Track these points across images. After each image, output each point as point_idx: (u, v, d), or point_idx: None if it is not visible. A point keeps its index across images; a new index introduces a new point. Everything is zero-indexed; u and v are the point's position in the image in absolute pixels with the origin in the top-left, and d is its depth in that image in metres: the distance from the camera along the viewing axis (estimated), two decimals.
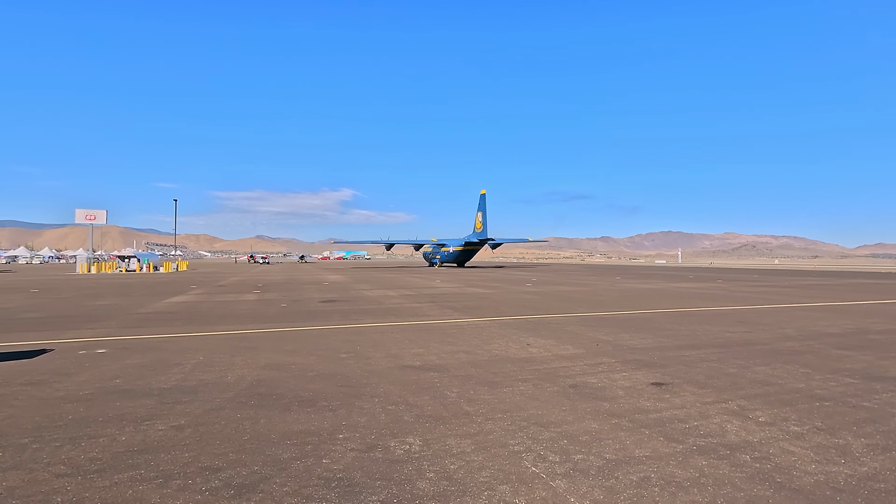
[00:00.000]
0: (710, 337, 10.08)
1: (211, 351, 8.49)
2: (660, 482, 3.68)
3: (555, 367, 7.32)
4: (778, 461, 4.06)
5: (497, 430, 4.72)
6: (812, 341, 9.60)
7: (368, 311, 14.89)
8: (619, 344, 9.25)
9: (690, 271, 54.83)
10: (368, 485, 3.62)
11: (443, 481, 3.68)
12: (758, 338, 9.99)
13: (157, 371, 6.99)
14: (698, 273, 48.89)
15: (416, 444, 4.37)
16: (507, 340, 9.62)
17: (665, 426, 4.84)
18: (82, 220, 50.57)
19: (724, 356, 8.14)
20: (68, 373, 6.88)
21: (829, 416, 5.16)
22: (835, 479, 3.76)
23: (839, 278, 37.67)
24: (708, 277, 38.42)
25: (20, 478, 3.68)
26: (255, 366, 7.36)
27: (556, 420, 5.02)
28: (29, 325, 11.78)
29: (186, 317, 13.42)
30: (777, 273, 49.35)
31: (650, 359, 7.94)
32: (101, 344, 9.14)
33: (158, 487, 3.55)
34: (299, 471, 3.83)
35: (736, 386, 6.32)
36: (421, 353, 8.39)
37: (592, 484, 3.66)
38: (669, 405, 5.51)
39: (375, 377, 6.72)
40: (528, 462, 4.02)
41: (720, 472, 3.86)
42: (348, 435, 4.58)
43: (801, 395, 5.92)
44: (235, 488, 3.55)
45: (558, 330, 10.96)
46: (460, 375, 6.84)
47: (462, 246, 64.84)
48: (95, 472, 3.77)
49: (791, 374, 6.94)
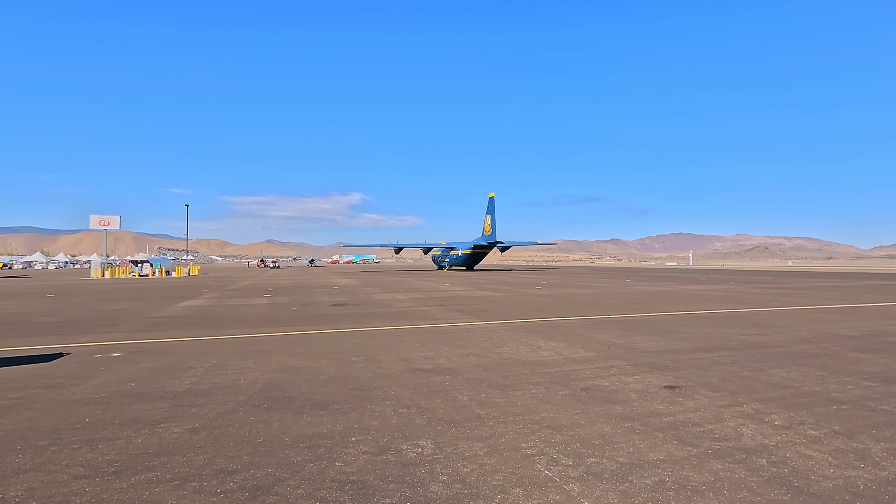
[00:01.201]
0: (723, 340, 9.97)
1: (223, 354, 8.56)
2: (675, 486, 3.65)
3: (566, 371, 7.29)
4: (795, 465, 4.00)
5: (509, 434, 4.70)
6: (828, 344, 9.46)
7: (378, 314, 14.93)
8: (631, 347, 9.18)
9: (702, 273, 54.29)
10: (381, 487, 3.63)
11: (455, 484, 3.68)
12: (772, 340, 9.87)
13: (171, 374, 7.07)
14: (710, 275, 48.39)
15: (428, 447, 4.37)
16: (518, 343, 9.59)
17: (679, 430, 4.80)
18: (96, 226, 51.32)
19: (737, 359, 8.05)
20: (84, 376, 6.98)
21: (847, 420, 5.08)
22: (854, 483, 3.70)
23: (855, 280, 37.07)
24: (720, 279, 38.01)
25: (40, 479, 3.74)
26: (267, 369, 7.41)
27: (569, 423, 4.99)
28: (46, 329, 11.97)
29: (199, 321, 13.56)
30: (790, 275, 48.69)
31: (662, 362, 7.87)
32: (116, 347, 9.26)
33: (174, 489, 3.58)
34: (313, 473, 3.85)
35: (751, 389, 6.25)
36: (431, 356, 8.40)
37: (606, 487, 3.63)
38: (683, 408, 5.46)
39: (386, 380, 6.74)
40: (540, 465, 4.01)
41: (736, 476, 3.81)
42: (360, 438, 4.59)
43: (818, 399, 5.83)
44: (250, 490, 3.57)
45: (569, 333, 10.91)
46: (471, 378, 6.83)
47: (471, 249, 64.81)
48: (113, 474, 3.82)
49: (807, 377, 6.84)
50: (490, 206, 64.42)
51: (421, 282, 35.73)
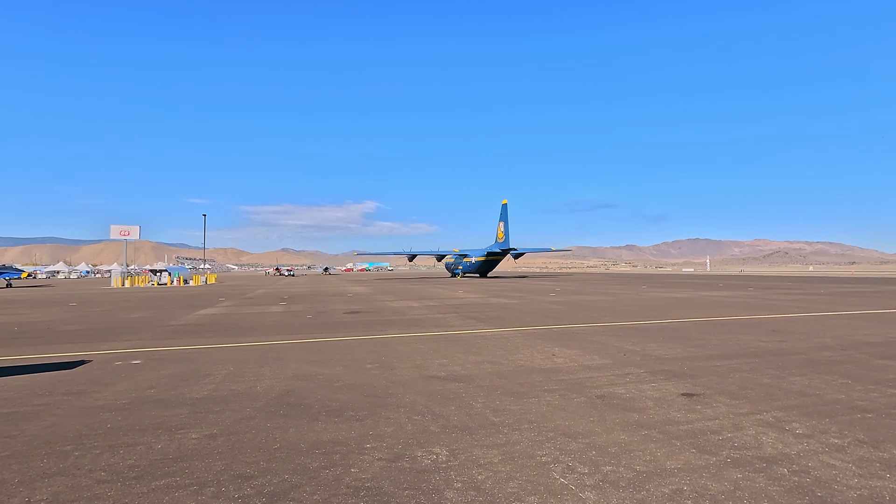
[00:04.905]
0: (742, 346, 9.79)
1: (240, 362, 8.68)
2: (693, 495, 3.59)
3: (581, 378, 7.23)
4: (818, 475, 3.91)
5: (524, 441, 4.68)
6: (852, 350, 9.23)
7: (392, 321, 14.98)
8: (648, 354, 9.07)
9: (719, 279, 53.40)
10: (396, 494, 3.64)
11: (470, 491, 3.68)
12: (793, 347, 9.66)
13: (190, 381, 7.18)
14: (728, 281, 47.57)
15: (442, 454, 4.37)
16: (532, 351, 9.55)
17: (697, 438, 4.73)
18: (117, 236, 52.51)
19: (757, 366, 7.90)
20: (106, 383, 7.13)
21: (872, 429, 4.95)
22: (880, 493, 3.60)
23: (879, 285, 36.12)
24: (738, 285, 37.34)
25: (64, 483, 3.84)
26: (283, 376, 7.49)
27: (584, 431, 4.95)
28: (68, 337, 12.26)
29: (216, 328, 13.75)
30: (812, 280, 47.63)
31: (680, 369, 7.76)
32: (136, 355, 9.44)
33: (193, 494, 3.64)
34: (328, 479, 3.88)
35: (771, 397, 6.13)
36: (445, 363, 8.40)
37: (623, 496, 3.59)
38: (701, 416, 5.38)
39: (401, 387, 6.76)
40: (556, 473, 3.98)
41: (756, 485, 3.74)
42: (375, 444, 4.61)
43: (842, 407, 5.69)
44: (267, 496, 3.61)
45: (584, 340, 10.82)
46: (486, 386, 6.81)
47: (484, 256, 64.70)
48: (134, 479, 3.90)
49: (830, 385, 6.68)
50: (503, 213, 64.34)
51: (434, 289, 35.76)
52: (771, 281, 47.08)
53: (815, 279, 51.20)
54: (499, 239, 64.81)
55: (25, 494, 3.65)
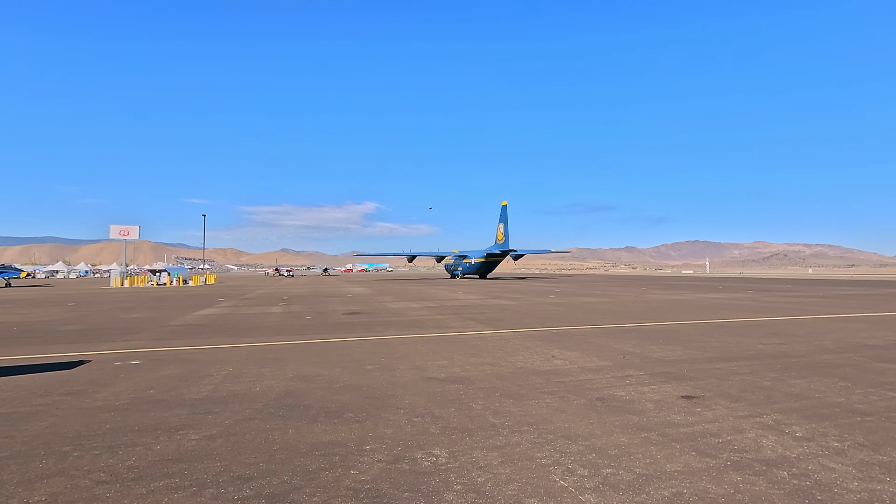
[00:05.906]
0: (741, 349, 9.79)
1: (239, 362, 8.67)
2: (693, 498, 3.59)
3: (581, 380, 7.22)
4: (818, 478, 3.91)
5: (524, 443, 4.68)
6: (851, 353, 9.23)
7: (392, 323, 14.98)
8: (647, 356, 9.07)
9: (719, 281, 53.42)
10: (396, 496, 3.64)
11: (470, 493, 3.67)
12: (793, 350, 9.67)
13: (189, 382, 7.17)
14: (727, 283, 47.61)
15: (442, 456, 4.37)
16: (532, 352, 9.54)
17: (697, 440, 4.73)
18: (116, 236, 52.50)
19: (757, 369, 7.90)
20: (105, 383, 7.12)
21: (872, 432, 4.95)
22: (880, 497, 3.60)
23: (878, 288, 36.15)
24: (738, 288, 37.37)
25: (63, 484, 3.83)
26: (282, 377, 7.48)
27: (584, 433, 4.95)
28: (67, 337, 12.24)
29: (215, 329, 13.74)
30: (811, 283, 47.66)
31: (679, 371, 7.76)
32: (136, 355, 9.43)
33: (193, 496, 3.63)
34: (328, 481, 3.87)
35: (771, 399, 6.13)
36: (445, 365, 8.39)
37: (623, 499, 3.59)
38: (701, 419, 5.38)
39: (401, 389, 6.75)
40: (556, 475, 3.98)
41: (756, 488, 3.74)
42: (375, 446, 4.61)
43: (841, 410, 5.69)
44: (266, 498, 3.61)
45: (583, 342, 10.82)
46: (485, 388, 6.81)
47: (484, 257, 64.69)
48: (133, 480, 3.89)
49: (829, 388, 6.68)
50: (503, 215, 64.36)
51: (434, 290, 35.76)
52: (770, 283, 47.11)
53: (815, 282, 51.23)
54: (498, 240, 64.82)
55: (24, 495, 3.64)
